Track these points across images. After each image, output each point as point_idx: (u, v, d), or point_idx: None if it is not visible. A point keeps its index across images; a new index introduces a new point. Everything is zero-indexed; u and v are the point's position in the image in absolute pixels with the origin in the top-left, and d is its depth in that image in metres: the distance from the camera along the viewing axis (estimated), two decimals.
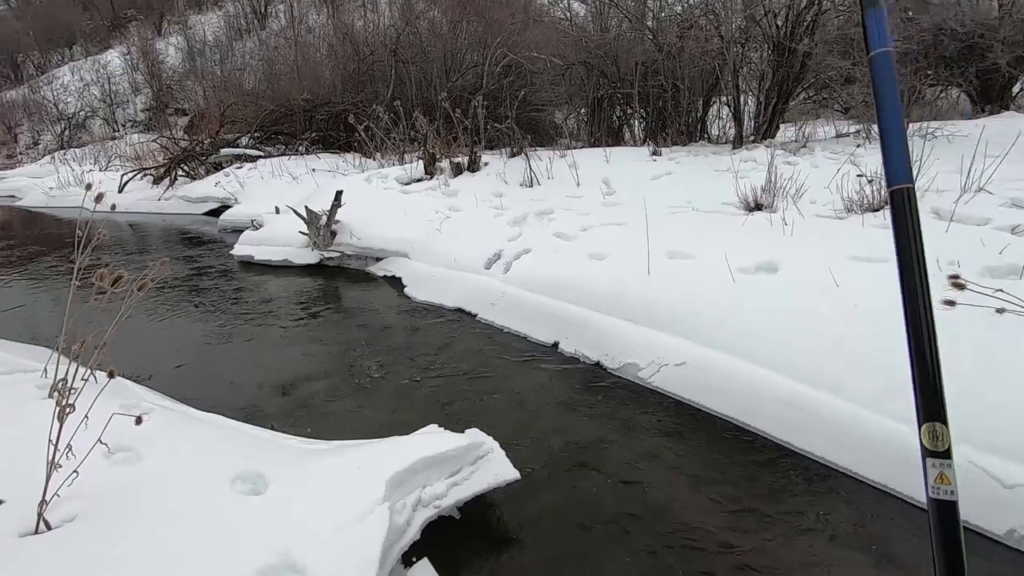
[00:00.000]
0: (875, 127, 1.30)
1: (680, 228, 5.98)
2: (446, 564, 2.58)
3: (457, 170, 9.39)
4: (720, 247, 5.13)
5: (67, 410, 2.18)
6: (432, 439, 2.89)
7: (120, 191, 15.00)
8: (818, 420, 3.38)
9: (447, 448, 2.76)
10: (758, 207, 6.33)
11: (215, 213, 12.36)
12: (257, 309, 6.33)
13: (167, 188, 14.58)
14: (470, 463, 2.86)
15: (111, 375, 2.25)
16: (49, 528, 2.15)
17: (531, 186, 8.60)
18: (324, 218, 7.80)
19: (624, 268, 5.29)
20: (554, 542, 2.82)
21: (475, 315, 5.82)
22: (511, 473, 2.87)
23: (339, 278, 7.49)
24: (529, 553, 2.76)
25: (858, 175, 6.13)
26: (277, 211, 9.12)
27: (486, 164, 9.53)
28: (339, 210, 7.94)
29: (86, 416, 2.17)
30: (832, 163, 7.25)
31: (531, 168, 8.67)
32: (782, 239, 5.23)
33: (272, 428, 3.85)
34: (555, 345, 5.03)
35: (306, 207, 7.88)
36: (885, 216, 5.27)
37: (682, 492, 3.16)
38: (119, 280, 2.14)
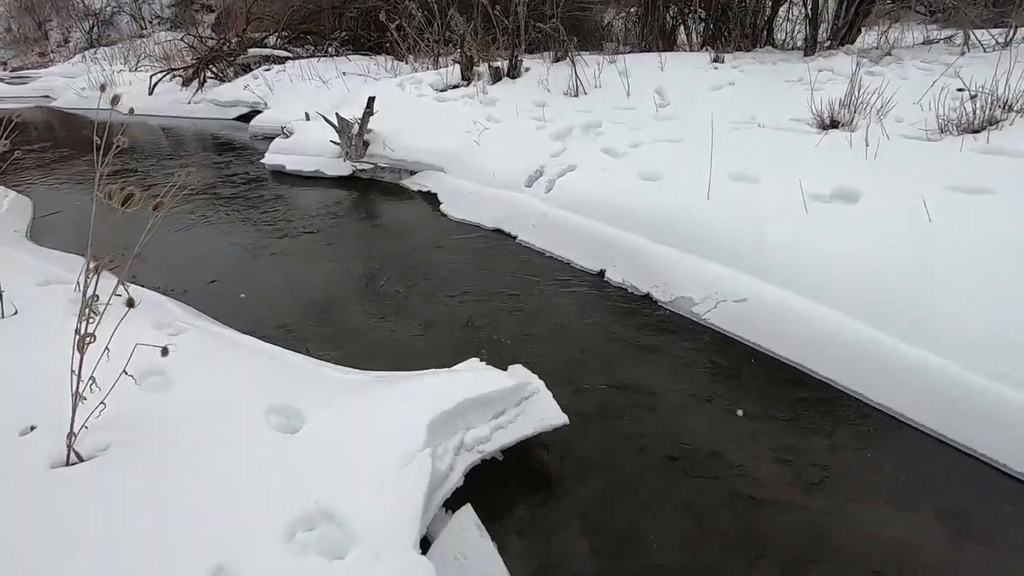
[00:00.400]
0: (977, 32, 0.85)
1: (744, 147, 5.39)
2: (488, 508, 2.46)
3: (496, 76, 8.69)
4: (791, 170, 4.59)
5: (88, 340, 2.02)
6: (475, 377, 2.69)
7: (150, 93, 14.63)
8: (899, 373, 3.05)
9: (491, 389, 2.56)
10: (834, 124, 5.64)
11: (245, 119, 11.97)
12: (289, 222, 6.12)
13: (196, 91, 14.14)
14: (515, 405, 2.67)
15: (130, 304, 2.05)
16: (80, 460, 2.06)
17: (576, 95, 7.91)
18: (356, 127, 7.38)
19: (680, 191, 4.82)
20: (599, 487, 2.67)
21: (515, 237, 5.50)
22: (559, 418, 2.68)
23: (372, 192, 7.18)
24: (572, 498, 2.62)
25: (959, 89, 5.35)
26: (307, 117, 8.69)
27: (527, 70, 8.78)
28: (371, 119, 7.48)
29: (106, 348, 2.00)
30: (924, 75, 6.36)
31: (577, 75, 7.93)
32: (863, 163, 4.64)
33: (307, 352, 3.73)
34: (601, 273, 4.71)
35: (337, 114, 7.44)
36: (990, 139, 4.60)
37: (737, 440, 2.94)
38: (131, 199, 1.88)
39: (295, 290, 4.63)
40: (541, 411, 2.69)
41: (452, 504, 2.36)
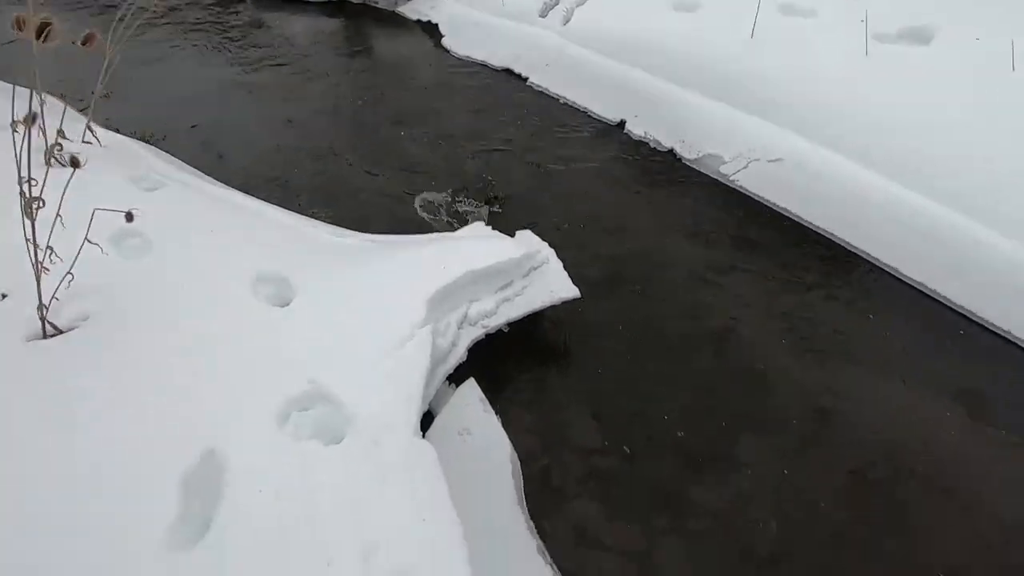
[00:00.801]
0: None
1: None
2: (492, 381, 2.38)
3: None
4: (854, 2, 3.88)
5: (36, 205, 1.76)
6: (479, 246, 2.46)
7: None
8: (959, 257, 2.78)
9: (497, 259, 2.35)
10: None
11: None
12: (271, 55, 5.45)
13: None
14: (523, 276, 2.48)
15: (74, 164, 1.75)
16: (58, 331, 1.92)
17: None
18: None
19: (719, 26, 4.15)
20: (606, 365, 2.58)
21: (526, 78, 4.90)
22: (569, 290, 2.50)
23: (363, 19, 6.32)
24: (580, 371, 2.54)
25: None
26: None
27: None
28: None
29: (57, 215, 1.75)
30: None
31: None
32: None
33: (299, 208, 3.48)
34: (621, 124, 4.24)
35: None
36: None
37: (758, 322, 2.79)
38: (48, 29, 1.49)
39: (282, 134, 4.22)
40: (551, 282, 2.51)
41: (455, 379, 2.28)
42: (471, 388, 2.23)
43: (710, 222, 3.37)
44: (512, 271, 2.43)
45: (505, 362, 2.50)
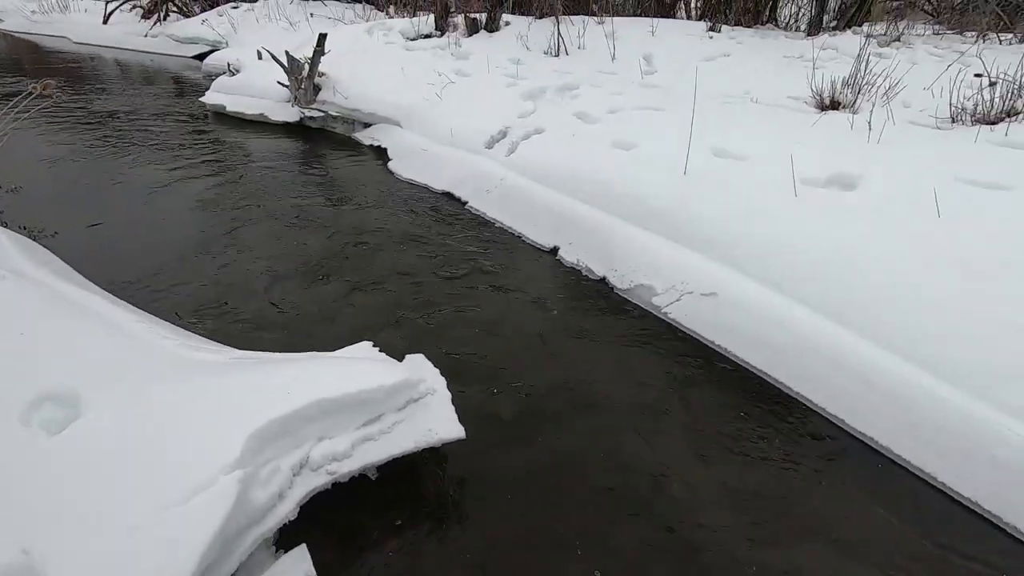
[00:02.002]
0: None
1: (732, 122, 4.73)
2: (342, 547, 1.83)
3: (473, 28, 7.88)
4: (782, 150, 3.96)
5: None
6: (346, 369, 2.03)
7: (105, 22, 13.47)
8: (899, 404, 2.46)
9: (361, 388, 1.91)
10: (835, 105, 5.01)
11: (206, 58, 10.98)
12: (213, 166, 5.34)
13: (155, 23, 13.01)
14: (397, 408, 2.03)
15: None
16: None
17: (557, 55, 7.16)
18: (307, 68, 6.55)
19: (655, 163, 4.17)
20: (503, 526, 2.05)
21: (465, 202, 4.80)
22: (452, 430, 2.04)
23: (318, 142, 6.40)
24: (464, 538, 1.99)
25: (977, 75, 4.74)
26: (260, 56, 7.81)
27: (507, 24, 7.98)
28: (326, 61, 6.67)
29: None
30: (936, 61, 5.75)
31: (559, 33, 7.17)
32: (865, 147, 4.02)
33: (177, 318, 3.04)
34: (554, 251, 4.06)
35: (287, 53, 6.60)
36: (1009, 131, 4.01)
37: (689, 472, 2.34)
38: None
39: (196, 242, 3.90)
40: (432, 418, 2.05)
41: (287, 541, 1.72)
42: (299, 559, 1.66)
43: (641, 358, 3.02)
44: (383, 402, 1.98)
45: (365, 520, 1.95)
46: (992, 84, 4.36)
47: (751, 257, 3.24)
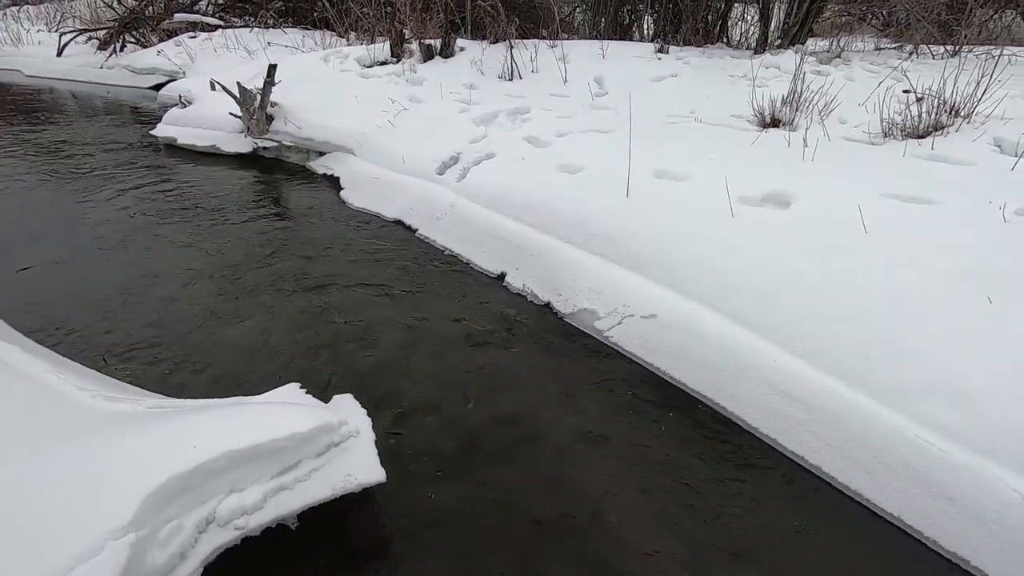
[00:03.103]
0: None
1: (677, 142, 4.83)
2: None
3: (428, 54, 7.94)
4: (722, 169, 4.04)
5: None
6: (261, 416, 1.98)
7: (59, 54, 13.26)
8: (828, 421, 2.49)
9: (273, 437, 1.86)
10: (775, 123, 5.15)
11: (162, 88, 10.86)
12: (158, 202, 5.25)
13: (111, 55, 12.84)
14: (316, 454, 1.98)
15: None
16: None
17: (511, 79, 7.26)
18: (259, 99, 6.52)
19: (599, 186, 4.22)
20: (437, 568, 2.01)
21: (415, 230, 4.79)
22: (373, 473, 2.00)
23: (271, 173, 6.34)
24: None
25: (905, 91, 4.93)
26: (213, 87, 7.74)
27: (462, 50, 8.07)
28: (279, 91, 6.65)
29: None
30: (871, 77, 5.97)
31: (512, 58, 7.27)
32: (800, 165, 4.13)
33: (104, 363, 2.95)
34: (501, 277, 4.06)
35: (238, 84, 6.56)
36: (934, 145, 4.16)
37: (630, 508, 2.32)
38: None
39: (134, 282, 3.81)
40: (352, 463, 2.01)
41: None
42: None
43: (583, 384, 3.02)
44: (299, 449, 1.93)
45: (286, 571, 1.89)
46: (919, 100, 4.53)
47: (688, 278, 3.28)
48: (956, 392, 2.29)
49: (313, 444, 1.97)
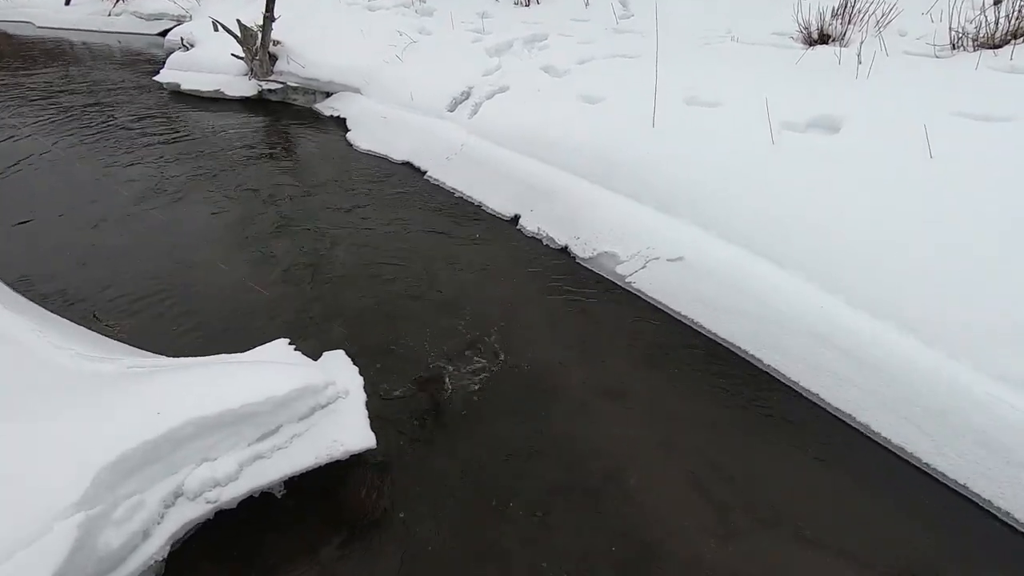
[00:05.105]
0: None
1: (711, 65, 4.33)
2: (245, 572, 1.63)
3: None
4: (761, 92, 3.59)
5: None
6: (239, 375, 1.79)
7: (67, 3, 12.93)
8: (881, 375, 2.18)
9: (251, 400, 1.67)
10: (823, 39, 4.56)
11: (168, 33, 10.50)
12: (160, 150, 5.03)
13: (117, 1, 12.45)
14: (298, 418, 1.79)
15: None
16: None
17: (527, 5, 6.68)
18: (260, 36, 6.15)
19: (621, 117, 3.81)
20: (439, 533, 1.84)
21: (424, 172, 4.49)
22: (361, 439, 1.81)
23: (276, 117, 6.04)
24: (393, 552, 1.79)
25: None
26: (216, 27, 7.36)
27: None
28: (282, 28, 6.25)
29: None
30: None
31: None
32: (852, 85, 3.63)
33: (94, 318, 2.82)
34: (515, 219, 3.76)
35: (238, 21, 6.19)
36: (1013, 55, 3.59)
37: (652, 470, 2.10)
38: None
39: (133, 235, 3.64)
40: (339, 427, 1.82)
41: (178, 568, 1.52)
42: None
43: (603, 335, 2.76)
44: (276, 414, 1.74)
45: (272, 542, 1.74)
46: (997, 2, 3.91)
47: (720, 216, 2.94)
48: None
49: (294, 407, 1.77)
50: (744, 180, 3.02)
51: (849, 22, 4.50)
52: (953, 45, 3.99)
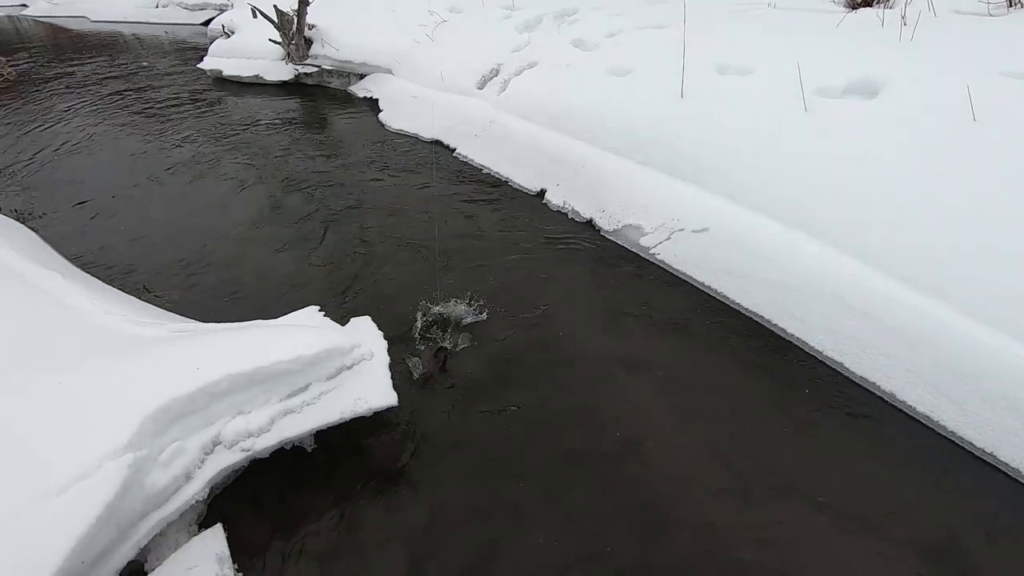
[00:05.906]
0: None
1: (745, 33, 4.19)
2: (275, 520, 1.76)
3: None
4: (795, 58, 3.47)
5: None
6: (271, 338, 1.91)
7: None
8: (908, 342, 2.14)
9: (281, 358, 1.78)
10: (867, 1, 4.36)
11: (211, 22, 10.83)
12: (204, 134, 5.25)
13: None
14: (326, 377, 1.90)
15: None
16: None
17: None
18: (296, 21, 6.29)
19: (649, 88, 3.76)
20: (457, 490, 1.92)
21: (453, 149, 4.55)
22: (383, 398, 1.90)
23: (313, 100, 6.20)
24: (414, 507, 1.88)
25: None
26: (255, 14, 7.56)
27: None
28: (317, 11, 6.37)
29: None
30: None
31: None
32: (895, 47, 3.46)
33: (144, 290, 3.01)
34: (541, 194, 3.78)
35: (275, 7, 6.35)
36: None
37: (669, 439, 2.11)
38: None
39: (181, 213, 3.84)
40: (363, 387, 1.92)
41: (217, 514, 1.66)
42: (212, 540, 1.59)
43: (626, 306, 2.77)
44: (306, 372, 1.85)
45: (303, 492, 1.87)
46: None
47: (747, 185, 2.89)
48: None
49: (321, 367, 1.88)
50: (775, 148, 2.95)
51: None
52: (1010, 2, 3.75)
